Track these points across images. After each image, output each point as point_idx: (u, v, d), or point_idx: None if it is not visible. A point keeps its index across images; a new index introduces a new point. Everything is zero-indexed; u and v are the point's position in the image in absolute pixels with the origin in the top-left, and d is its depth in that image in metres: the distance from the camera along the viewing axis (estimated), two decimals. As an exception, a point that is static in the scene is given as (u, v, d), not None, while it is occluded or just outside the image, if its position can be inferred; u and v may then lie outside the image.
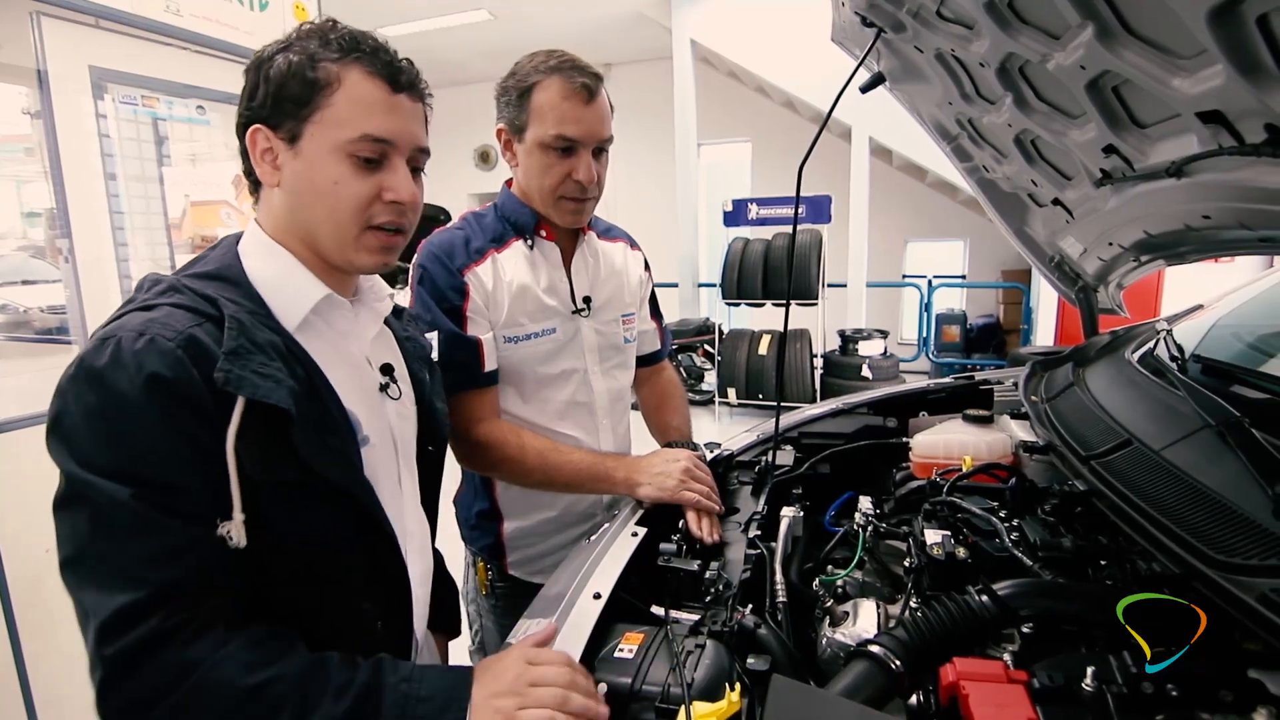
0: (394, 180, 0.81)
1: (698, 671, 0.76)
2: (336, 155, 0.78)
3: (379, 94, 0.80)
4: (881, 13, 1.29)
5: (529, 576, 1.42)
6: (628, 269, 1.50)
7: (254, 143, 0.80)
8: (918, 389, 1.76)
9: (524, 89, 1.22)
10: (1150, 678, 0.67)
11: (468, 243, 1.28)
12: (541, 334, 1.33)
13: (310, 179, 0.79)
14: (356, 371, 0.87)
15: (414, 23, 7.24)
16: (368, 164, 0.79)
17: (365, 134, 0.78)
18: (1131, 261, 1.61)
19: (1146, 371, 1.25)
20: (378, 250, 0.83)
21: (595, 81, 1.22)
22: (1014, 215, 1.84)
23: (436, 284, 1.25)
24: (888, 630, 0.80)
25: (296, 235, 0.83)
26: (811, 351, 6.15)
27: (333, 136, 0.78)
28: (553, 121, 1.20)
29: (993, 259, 8.00)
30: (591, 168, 1.24)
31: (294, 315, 0.80)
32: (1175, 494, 0.86)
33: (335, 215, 0.80)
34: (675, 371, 1.69)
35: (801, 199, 1.25)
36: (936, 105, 1.58)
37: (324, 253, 0.83)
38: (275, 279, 0.81)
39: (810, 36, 4.56)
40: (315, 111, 0.78)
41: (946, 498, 1.07)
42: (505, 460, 1.26)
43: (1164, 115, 1.00)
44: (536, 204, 1.30)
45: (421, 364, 1.03)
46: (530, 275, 1.31)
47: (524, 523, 1.40)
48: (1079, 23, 0.91)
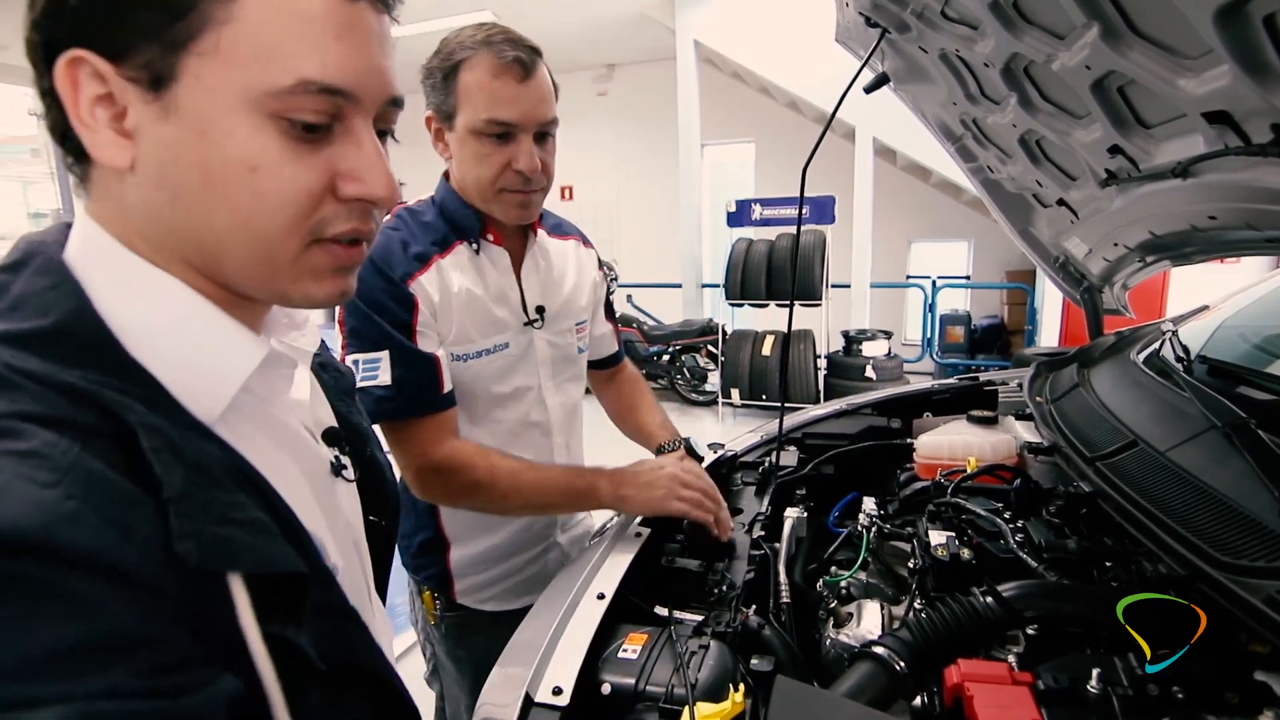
0: (357, 160, 0.48)
1: (701, 672, 0.76)
2: (253, 117, 0.44)
3: (326, 1, 0.45)
4: (886, 13, 1.29)
5: (479, 604, 1.29)
6: (582, 270, 1.35)
7: (72, 83, 0.43)
8: (922, 390, 1.75)
9: (449, 68, 1.06)
10: (1156, 680, 0.67)
11: (405, 246, 1.10)
12: (493, 350, 1.18)
13: (202, 160, 0.44)
14: (301, 458, 0.55)
15: (418, 24, 7.25)
16: (309, 131, 0.45)
17: (306, 79, 0.44)
18: (1137, 262, 1.61)
19: (1152, 372, 1.24)
20: (328, 274, 0.50)
21: (531, 55, 1.05)
22: (1019, 216, 1.83)
23: (376, 296, 1.06)
24: (892, 631, 0.80)
25: (172, 252, 0.47)
26: (815, 352, 6.14)
27: (242, 82, 0.43)
28: (484, 104, 1.04)
29: (997, 260, 7.98)
30: (534, 155, 1.07)
31: (215, 397, 0.46)
32: (1181, 495, 0.86)
33: (256, 226, 0.45)
34: (634, 367, 1.58)
35: (805, 199, 1.24)
36: (941, 106, 1.58)
37: (234, 285, 0.48)
38: (166, 335, 0.46)
39: (814, 37, 4.56)
40: (202, 30, 0.42)
41: (951, 499, 1.07)
42: (474, 486, 1.09)
43: (1170, 115, 0.99)
44: (475, 200, 1.13)
45: (348, 402, 0.69)
46: (478, 283, 1.16)
47: (471, 550, 1.27)
48: (1084, 23, 0.90)
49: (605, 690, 0.76)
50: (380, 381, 1.06)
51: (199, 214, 0.45)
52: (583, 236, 1.40)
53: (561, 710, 0.74)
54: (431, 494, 1.14)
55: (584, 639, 0.83)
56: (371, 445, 0.70)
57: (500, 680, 0.80)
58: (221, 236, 0.46)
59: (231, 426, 0.48)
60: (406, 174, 8.95)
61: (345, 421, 0.66)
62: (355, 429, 0.67)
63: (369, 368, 1.06)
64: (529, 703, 0.75)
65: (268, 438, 0.51)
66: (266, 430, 0.52)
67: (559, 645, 0.83)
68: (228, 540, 0.41)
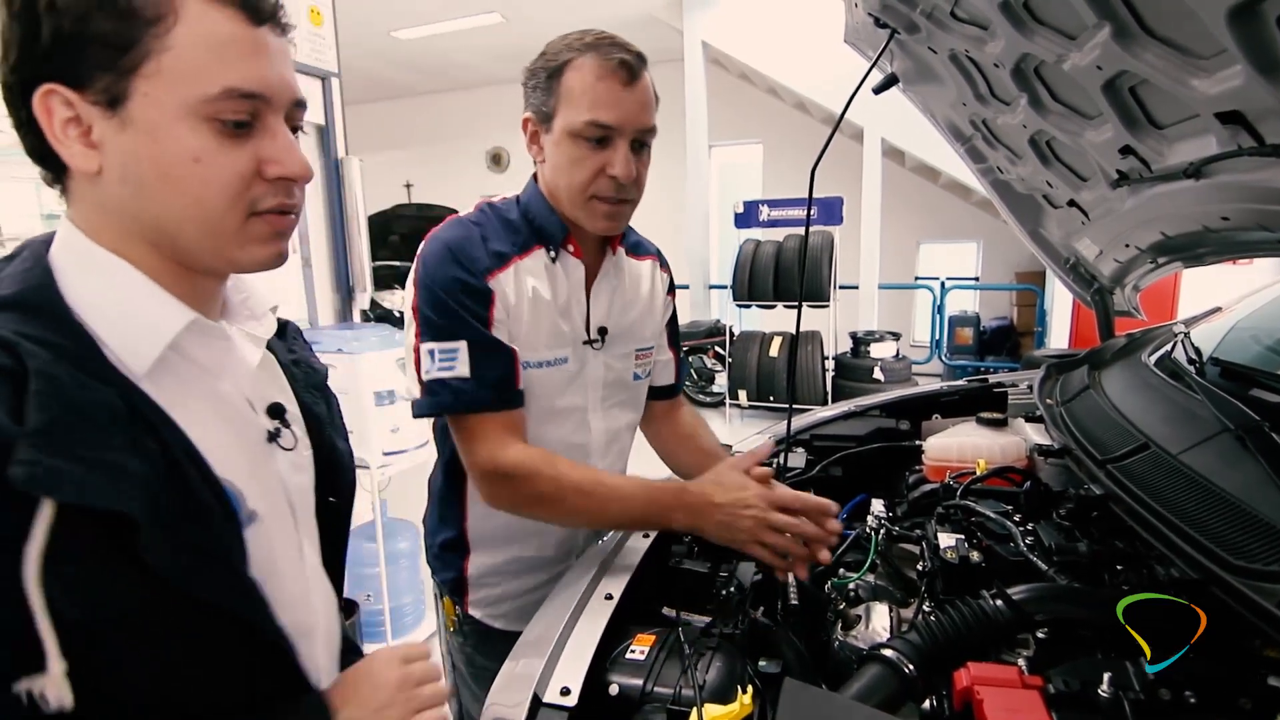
0: (275, 148, 0.61)
1: (709, 673, 0.76)
2: (191, 121, 0.56)
3: (237, 29, 0.58)
4: (895, 14, 1.28)
5: (489, 620, 1.23)
6: (654, 294, 1.29)
7: (47, 111, 0.55)
8: (931, 391, 1.75)
9: (553, 69, 1.04)
10: (1168, 684, 0.67)
11: (486, 242, 1.08)
12: (553, 362, 1.14)
13: (156, 159, 0.56)
14: (233, 422, 0.65)
15: (426, 26, 7.29)
16: (237, 128, 0.58)
17: (229, 87, 0.57)
18: (1148, 263, 1.60)
19: (1164, 374, 1.23)
20: (270, 238, 0.63)
21: (638, 61, 1.04)
22: (1029, 217, 1.83)
23: (455, 285, 1.04)
24: (901, 634, 0.80)
25: (141, 238, 0.60)
26: (823, 353, 6.12)
27: (181, 95, 0.56)
28: (586, 105, 1.02)
29: (1006, 261, 7.95)
30: (630, 162, 1.04)
31: (143, 355, 0.57)
32: (1193, 498, 0.85)
33: (204, 205, 0.58)
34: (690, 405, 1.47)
35: (813, 200, 1.23)
36: (950, 106, 1.57)
37: (192, 257, 0.61)
38: (111, 304, 0.58)
39: (822, 38, 4.54)
40: (145, 59, 0.55)
41: (960, 501, 1.07)
42: (539, 498, 1.04)
43: (1182, 116, 0.99)
44: (564, 206, 1.10)
45: (315, 394, 0.81)
46: (549, 292, 1.12)
47: (492, 559, 1.22)
48: (1095, 23, 0.90)
49: (613, 691, 0.76)
50: (458, 373, 1.03)
51: (158, 200, 0.58)
52: (661, 258, 1.34)
53: (569, 710, 0.74)
54: (499, 501, 1.07)
55: (592, 639, 0.83)
56: (328, 430, 0.80)
57: (508, 680, 0.81)
58: (177, 216, 0.59)
59: (162, 385, 0.58)
60: (415, 174, 8.97)
61: (307, 410, 0.77)
62: (315, 417, 0.78)
63: (446, 358, 1.03)
64: (537, 703, 0.75)
65: (201, 399, 0.62)
66: (201, 393, 0.63)
67: (567, 645, 0.83)
68: (58, 471, 0.48)
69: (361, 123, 4.71)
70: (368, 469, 2.41)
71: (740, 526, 0.97)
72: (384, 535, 2.54)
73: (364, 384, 2.38)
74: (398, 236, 7.68)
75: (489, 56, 8.40)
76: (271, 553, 0.64)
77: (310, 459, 0.76)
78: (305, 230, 2.76)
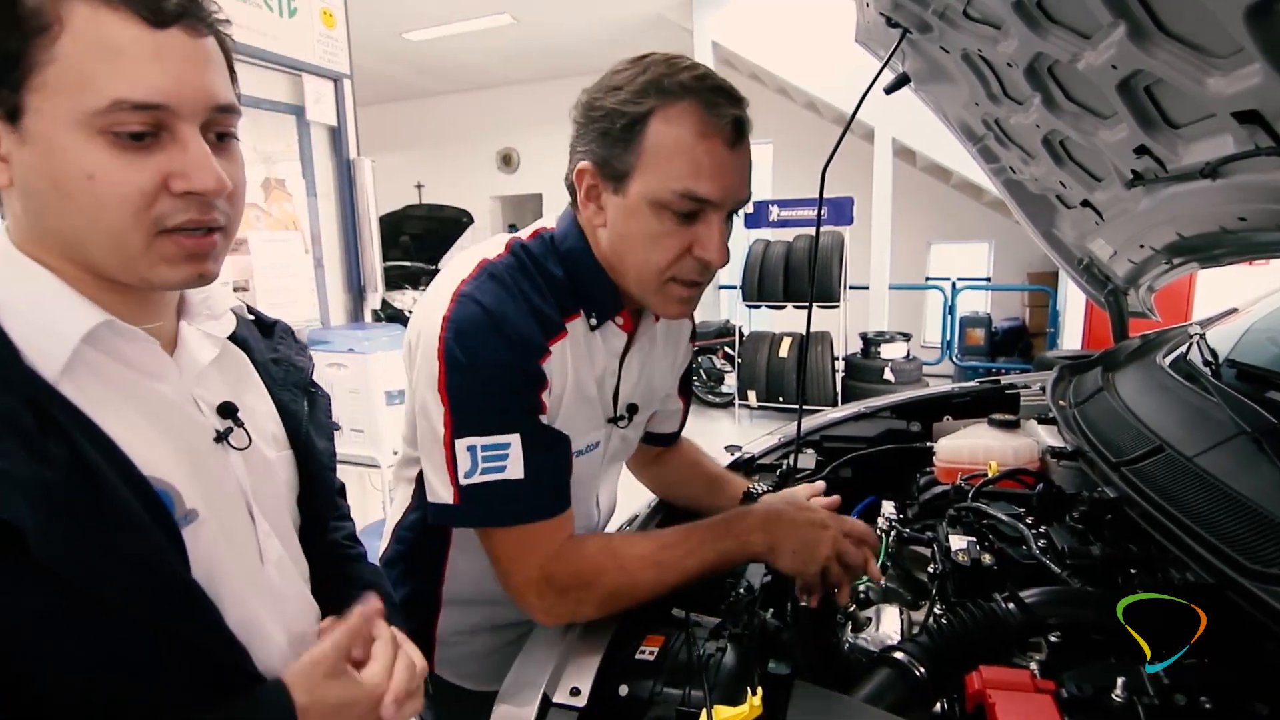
0: (183, 160, 0.56)
1: (719, 675, 0.76)
2: (82, 134, 0.53)
3: (132, 33, 0.53)
4: (907, 13, 1.28)
5: (459, 680, 1.08)
6: (678, 346, 1.13)
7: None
8: (942, 392, 1.74)
9: (636, 117, 0.80)
10: (1183, 689, 0.66)
11: (530, 308, 0.86)
12: (586, 450, 0.98)
13: (51, 174, 0.54)
14: (170, 421, 0.63)
15: (437, 27, 7.31)
16: (136, 140, 0.55)
17: (119, 99, 0.53)
18: (1163, 264, 1.58)
19: (1179, 376, 1.22)
20: (181, 260, 0.59)
21: (744, 113, 0.84)
22: (1042, 217, 1.81)
23: (507, 368, 0.83)
24: (912, 637, 0.79)
25: (52, 248, 0.58)
26: (833, 354, 6.11)
27: (70, 108, 0.53)
28: (682, 172, 0.80)
29: (1018, 261, 7.89)
30: (724, 240, 0.85)
31: (54, 357, 0.55)
32: (1209, 502, 0.84)
33: (102, 223, 0.56)
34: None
35: (824, 200, 1.22)
36: (963, 106, 1.56)
37: (104, 272, 0.59)
38: (24, 307, 0.56)
39: (833, 38, 4.53)
40: (32, 71, 0.52)
41: (972, 503, 1.06)
42: (614, 596, 0.87)
43: (1198, 115, 0.98)
44: (631, 284, 0.89)
45: (296, 392, 0.79)
46: (587, 367, 0.94)
47: (465, 618, 1.06)
48: (1110, 22, 0.89)
49: (622, 692, 0.76)
50: (509, 476, 0.82)
51: (57, 216, 0.56)
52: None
53: (579, 711, 0.74)
54: (558, 617, 0.87)
55: (601, 640, 0.83)
56: (305, 427, 0.78)
57: (518, 680, 0.81)
58: (78, 231, 0.57)
59: (83, 386, 0.57)
60: (426, 175, 9.01)
61: (283, 408, 0.77)
62: (291, 415, 0.77)
63: (493, 457, 0.83)
64: (547, 703, 0.75)
65: (129, 399, 0.60)
66: (130, 394, 0.61)
67: (576, 646, 0.83)
68: None
69: (373, 124, 4.74)
70: (378, 468, 2.42)
71: (819, 547, 0.89)
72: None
73: (375, 383, 2.39)
74: (409, 237, 7.71)
75: (499, 57, 8.42)
76: (214, 554, 0.62)
77: (286, 460, 0.75)
78: (317, 231, 2.79)
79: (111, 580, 0.53)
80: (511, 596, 0.88)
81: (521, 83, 9.24)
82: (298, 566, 0.76)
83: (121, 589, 0.54)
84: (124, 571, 0.54)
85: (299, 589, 0.75)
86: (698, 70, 0.82)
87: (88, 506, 0.53)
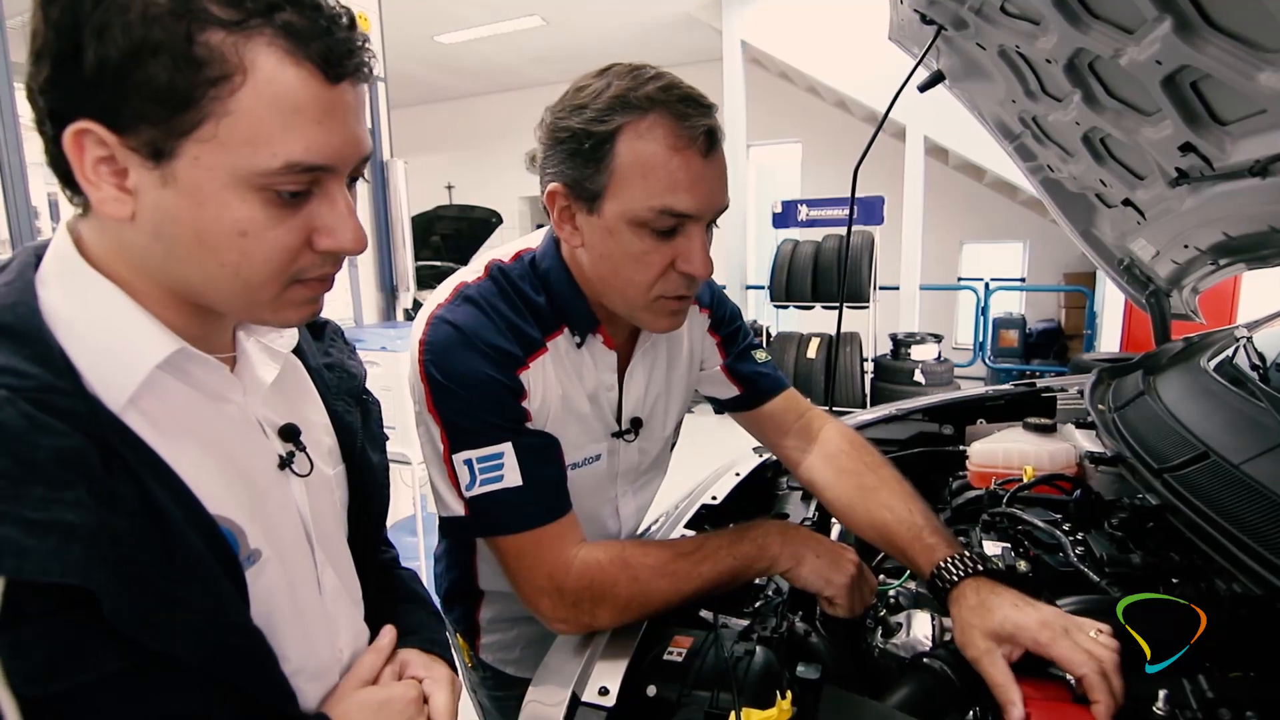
0: (331, 217, 0.54)
1: (748, 677, 0.75)
2: (239, 190, 0.50)
3: (311, 90, 0.50)
4: (942, 9, 1.26)
5: (501, 665, 1.14)
6: (691, 351, 1.08)
7: (78, 149, 0.48)
8: (975, 395, 1.71)
9: (603, 136, 0.78)
10: (1228, 703, 0.64)
11: (505, 325, 0.87)
12: (583, 463, 0.98)
13: (196, 225, 0.50)
14: (237, 451, 0.59)
15: (468, 30, 7.39)
16: (292, 198, 0.52)
17: (292, 162, 0.50)
18: (1209, 265, 1.54)
19: (1224, 380, 1.18)
20: (306, 303, 0.58)
21: (715, 121, 0.81)
22: (1080, 216, 1.77)
23: (483, 380, 0.84)
24: (944, 643, 0.78)
25: (159, 281, 0.54)
26: (862, 355, 6.04)
27: (235, 164, 0.49)
28: (657, 188, 0.78)
29: (1054, 261, 7.71)
30: (707, 252, 0.83)
31: (120, 387, 0.51)
32: (1257, 511, 0.81)
33: (242, 277, 0.53)
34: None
35: (854, 200, 1.20)
36: (999, 103, 1.53)
37: (214, 307, 0.56)
38: (91, 330, 0.51)
39: (864, 35, 4.48)
40: (201, 123, 0.47)
41: (1006, 509, 1.04)
42: (627, 605, 0.86)
43: (1248, 111, 0.95)
44: (617, 302, 0.89)
45: (349, 402, 0.75)
46: (575, 381, 0.94)
47: (506, 607, 1.10)
48: (1155, 16, 0.87)
49: (651, 692, 0.76)
50: (508, 484, 0.83)
51: (192, 264, 0.52)
52: (697, 299, 1.04)
53: (607, 710, 0.74)
54: (574, 626, 0.87)
55: (630, 640, 0.83)
56: (360, 441, 0.74)
57: (547, 679, 0.81)
58: (210, 279, 0.53)
59: (151, 414, 0.53)
60: (457, 176, 9.13)
61: (338, 421, 0.72)
62: (346, 428, 0.73)
63: (489, 467, 0.84)
64: (575, 701, 0.75)
65: (197, 429, 0.56)
66: (199, 422, 0.56)
67: (605, 646, 0.83)
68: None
69: (405, 126, 4.80)
70: (409, 464, 2.46)
71: (844, 567, 0.89)
72: (424, 530, 2.58)
73: (407, 381, 2.42)
74: (439, 237, 7.81)
75: (529, 59, 8.48)
76: (278, 592, 0.60)
77: (340, 476, 0.71)
78: (350, 231, 2.84)
79: (178, 635, 0.50)
80: (526, 606, 0.88)
81: (551, 84, 9.28)
82: (350, 593, 0.72)
83: (187, 643, 0.51)
84: (190, 625, 0.51)
85: (352, 615, 0.72)
86: (664, 80, 0.79)
87: (155, 558, 0.49)
